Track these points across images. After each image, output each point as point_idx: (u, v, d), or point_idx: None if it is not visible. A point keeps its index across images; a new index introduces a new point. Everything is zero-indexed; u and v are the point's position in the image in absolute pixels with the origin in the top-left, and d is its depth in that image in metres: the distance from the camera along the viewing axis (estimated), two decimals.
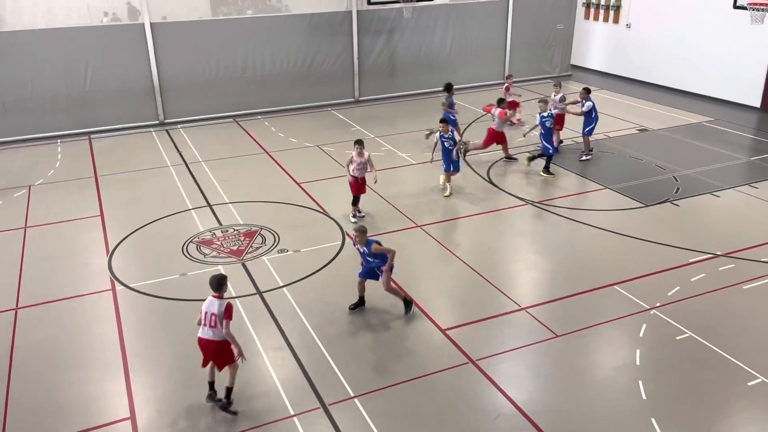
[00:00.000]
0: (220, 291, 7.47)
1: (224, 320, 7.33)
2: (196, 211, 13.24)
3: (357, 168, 12.22)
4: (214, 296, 7.46)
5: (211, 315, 7.37)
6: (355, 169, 12.23)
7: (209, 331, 7.40)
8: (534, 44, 23.61)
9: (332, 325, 9.32)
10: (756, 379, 8.00)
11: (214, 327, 7.37)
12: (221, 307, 7.34)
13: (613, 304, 9.70)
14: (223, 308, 7.34)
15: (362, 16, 20.79)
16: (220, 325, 7.34)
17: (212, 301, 7.42)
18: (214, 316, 7.35)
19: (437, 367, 8.39)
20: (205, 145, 17.30)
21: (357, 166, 12.20)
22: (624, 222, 12.45)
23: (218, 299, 7.42)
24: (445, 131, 13.38)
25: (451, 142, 13.37)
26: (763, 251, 11.08)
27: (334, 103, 21.16)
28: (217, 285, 7.48)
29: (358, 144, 12.20)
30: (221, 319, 7.33)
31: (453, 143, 13.39)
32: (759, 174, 14.60)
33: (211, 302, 7.43)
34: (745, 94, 19.83)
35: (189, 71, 19.25)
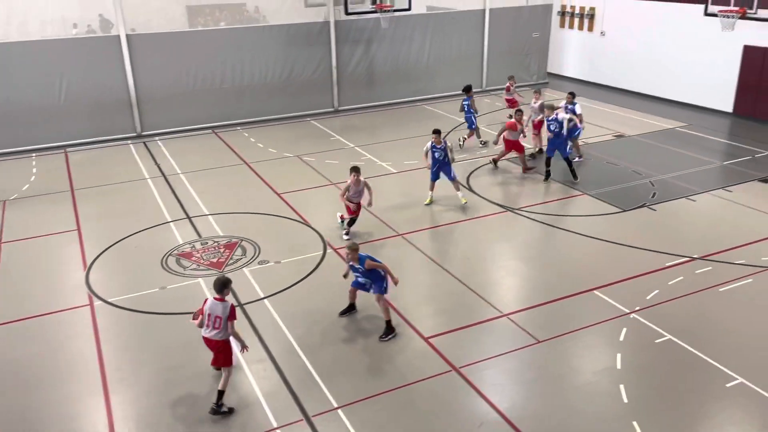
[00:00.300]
0: (222, 293, 7.71)
1: (228, 322, 7.64)
2: (175, 224, 13.12)
3: (354, 195, 12.04)
4: (216, 299, 7.69)
5: (215, 318, 7.66)
6: (352, 196, 12.03)
7: (213, 332, 7.71)
8: (511, 53, 23.85)
9: (314, 336, 9.28)
10: (734, 381, 8.10)
11: (218, 329, 7.67)
12: (225, 310, 7.63)
13: (593, 308, 9.78)
14: (227, 311, 7.63)
15: (340, 27, 20.85)
16: (224, 326, 7.64)
17: (215, 304, 7.66)
18: (219, 318, 7.64)
19: (420, 375, 8.38)
20: (184, 157, 17.18)
21: (353, 194, 12.02)
22: (602, 227, 12.58)
23: (221, 302, 7.67)
24: (437, 142, 13.18)
25: (441, 153, 13.22)
26: (737, 254, 11.26)
27: (313, 113, 21.16)
28: (220, 287, 7.71)
29: (355, 171, 12.00)
30: (225, 321, 7.62)
31: (444, 155, 13.24)
32: (733, 178, 14.87)
33: (213, 305, 7.67)
34: (717, 100, 20.21)
35: (166, 83, 19.14)
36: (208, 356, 8.82)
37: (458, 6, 23.58)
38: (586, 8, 24.19)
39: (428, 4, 24.17)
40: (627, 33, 22.78)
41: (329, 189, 14.81)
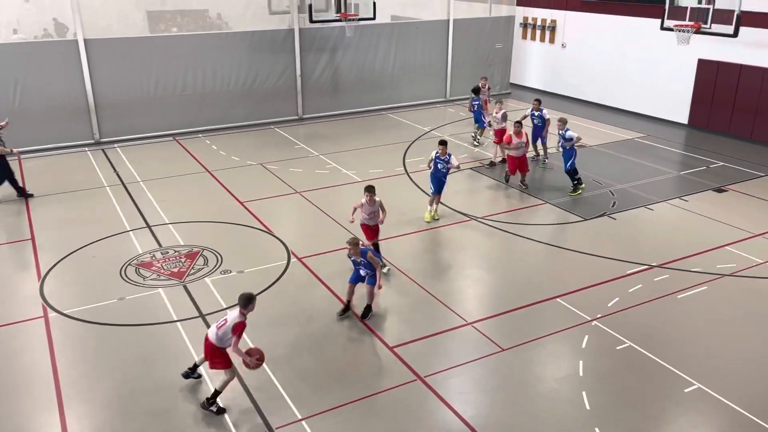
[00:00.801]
0: (245, 308, 7.73)
1: (232, 335, 7.56)
2: (135, 233, 12.82)
3: (368, 216, 11.04)
4: (240, 311, 7.71)
5: (223, 319, 7.79)
6: (365, 218, 11.08)
7: (214, 332, 7.74)
8: (474, 63, 24.13)
9: (278, 347, 9.15)
10: (692, 386, 8.27)
11: (219, 329, 7.71)
12: (235, 320, 7.62)
13: (556, 316, 9.89)
14: (235, 321, 7.59)
15: (304, 34, 20.79)
16: (225, 333, 7.63)
17: (233, 312, 7.78)
18: (226, 322, 7.70)
19: (385, 385, 8.33)
20: (144, 165, 16.83)
21: (368, 215, 11.04)
22: (564, 236, 12.76)
23: (238, 314, 7.70)
24: (442, 153, 12.85)
25: (444, 165, 12.88)
26: (694, 261, 11.55)
27: (277, 121, 21.01)
28: (245, 302, 7.73)
29: (369, 191, 10.93)
30: (229, 330, 7.60)
31: (446, 167, 12.90)
32: (688, 187, 15.27)
33: (232, 312, 7.80)
34: (673, 112, 20.78)
35: (126, 89, 18.76)
36: (167, 368, 8.65)
37: (423, 16, 23.79)
38: (547, 20, 24.65)
39: (393, 13, 24.30)
40: (587, 45, 23.29)
41: (293, 197, 14.69)
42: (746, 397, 8.04)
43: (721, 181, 15.53)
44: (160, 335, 9.45)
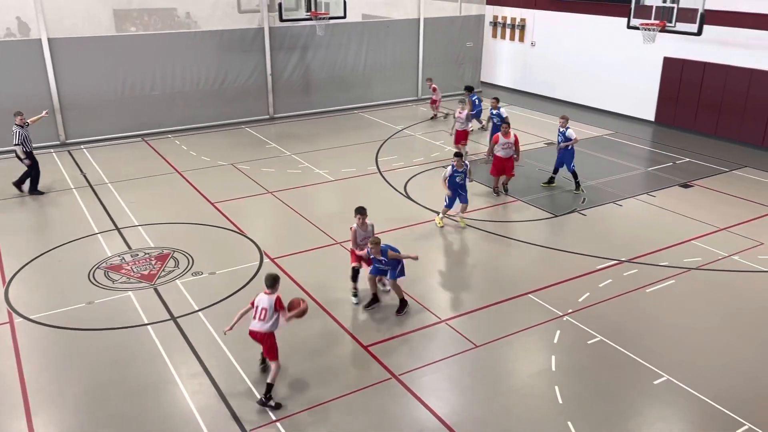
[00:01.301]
0: (273, 288, 8.00)
1: (278, 312, 7.96)
2: (103, 236, 12.60)
3: (363, 241, 10.06)
4: (266, 293, 8.00)
5: (261, 309, 7.96)
6: (361, 243, 10.11)
7: (259, 324, 7.96)
8: (445, 61, 24.25)
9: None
10: (661, 378, 8.44)
11: (263, 320, 7.93)
12: (271, 301, 7.92)
13: (528, 312, 9.99)
14: (273, 301, 7.93)
15: (275, 33, 20.65)
16: (269, 318, 7.90)
17: (263, 297, 8.00)
18: (265, 310, 7.93)
19: (360, 384, 8.32)
20: (112, 166, 16.54)
21: (362, 240, 10.08)
22: (535, 232, 12.90)
23: (269, 295, 7.97)
24: (459, 166, 12.46)
25: (462, 177, 12.59)
26: (661, 256, 11.77)
27: (248, 121, 20.83)
28: (271, 282, 8.01)
29: (360, 213, 10.05)
30: (272, 313, 7.91)
31: (464, 178, 12.61)
32: (656, 183, 15.56)
33: (261, 298, 8.01)
34: (640, 109, 21.14)
35: (92, 89, 18.42)
36: (138, 372, 8.54)
37: (393, 15, 23.81)
38: (516, 19, 24.87)
39: (364, 12, 24.28)
40: (556, 44, 23.56)
41: (265, 197, 14.59)
42: (713, 388, 8.23)
43: (687, 177, 15.86)
44: (130, 339, 9.30)
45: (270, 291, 7.99)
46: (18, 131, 14.30)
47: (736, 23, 17.96)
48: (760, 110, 17.90)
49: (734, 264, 11.47)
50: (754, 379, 8.46)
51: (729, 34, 18.13)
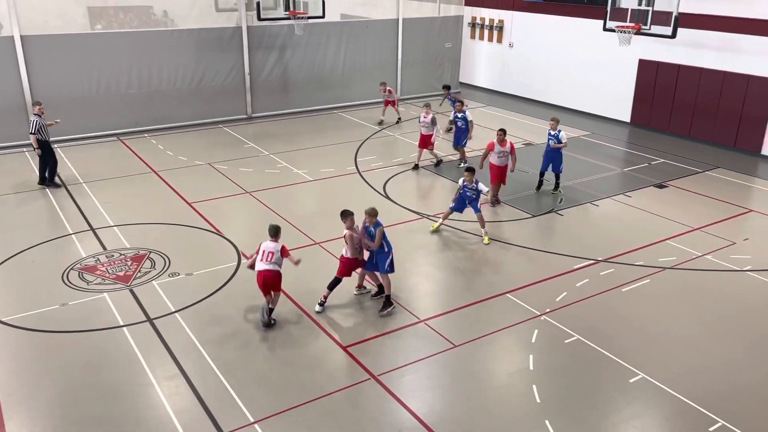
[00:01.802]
0: (276, 237, 9.43)
1: (285, 257, 9.37)
2: (78, 236, 12.40)
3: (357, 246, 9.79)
4: (271, 240, 9.38)
5: (269, 253, 9.33)
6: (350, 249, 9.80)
7: (266, 265, 9.30)
8: (424, 62, 24.31)
9: (229, 350, 9.00)
10: (636, 376, 8.54)
11: (271, 260, 9.31)
12: (277, 247, 9.35)
13: (506, 311, 10.05)
14: (280, 249, 9.36)
15: (253, 32, 20.51)
16: (277, 259, 9.31)
17: (269, 244, 9.38)
18: (272, 253, 9.32)
19: (339, 385, 8.30)
20: (86, 165, 16.29)
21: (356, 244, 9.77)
22: (513, 232, 12.98)
23: (274, 242, 9.39)
24: (469, 181, 12.03)
25: (474, 193, 12.17)
26: (637, 255, 11.92)
27: (225, 120, 20.67)
28: (274, 232, 9.43)
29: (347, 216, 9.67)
30: (278, 256, 9.32)
31: (477, 194, 12.19)
32: (631, 184, 15.76)
33: (267, 244, 9.38)
34: (616, 110, 21.41)
35: (66, 87, 18.13)
36: (113, 375, 8.42)
37: (372, 15, 23.80)
38: (495, 20, 25.02)
39: (342, 12, 24.23)
40: (533, 45, 23.75)
41: (243, 197, 14.48)
42: (687, 386, 8.35)
43: (662, 178, 16.09)
44: (105, 341, 9.16)
45: (274, 239, 9.37)
46: (35, 120, 14.42)
47: (709, 26, 18.28)
48: (732, 112, 18.24)
49: (708, 263, 11.67)
50: (728, 377, 8.60)
51: (702, 37, 18.45)
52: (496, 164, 13.92)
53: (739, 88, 17.93)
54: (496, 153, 13.84)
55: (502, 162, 13.91)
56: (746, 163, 17.28)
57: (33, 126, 14.39)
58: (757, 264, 11.61)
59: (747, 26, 17.49)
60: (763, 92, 17.41)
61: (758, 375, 8.64)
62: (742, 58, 17.79)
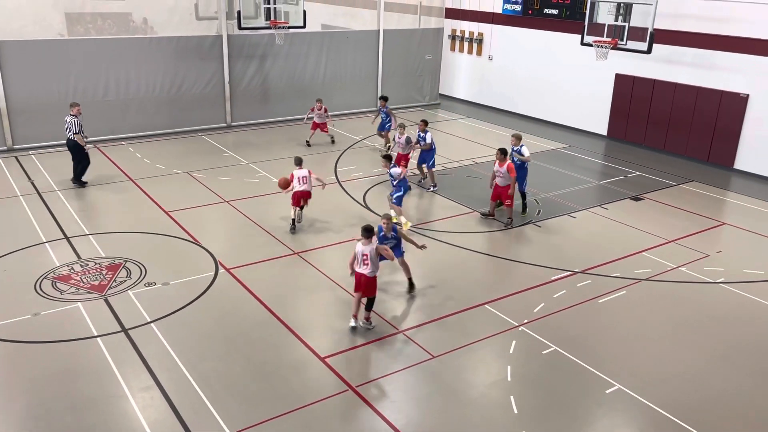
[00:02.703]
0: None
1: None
2: (51, 245, 12.20)
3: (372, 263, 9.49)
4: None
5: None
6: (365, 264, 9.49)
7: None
8: (404, 74, 24.45)
9: (205, 361, 8.89)
10: (613, 387, 8.61)
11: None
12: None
13: (484, 322, 10.08)
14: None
15: (233, 41, 20.46)
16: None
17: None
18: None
19: (317, 396, 8.24)
20: (62, 173, 16.05)
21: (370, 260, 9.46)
22: (492, 243, 13.06)
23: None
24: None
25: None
26: (613, 267, 12.05)
27: (204, 128, 20.54)
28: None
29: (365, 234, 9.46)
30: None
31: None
32: (608, 196, 15.96)
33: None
34: (594, 123, 21.70)
35: (42, 93, 17.89)
36: (86, 386, 8.28)
37: (353, 26, 23.91)
38: (474, 33, 25.27)
39: (323, 22, 24.31)
40: (512, 58, 24.01)
41: (221, 206, 14.38)
42: (662, 396, 8.44)
43: (638, 190, 16.32)
44: (78, 352, 9.00)
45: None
46: (75, 121, 14.85)
47: (684, 43, 18.65)
48: (706, 127, 18.60)
49: (682, 275, 11.84)
50: (701, 387, 8.72)
51: (677, 53, 18.82)
52: (499, 184, 13.68)
53: (713, 103, 18.31)
54: (496, 172, 13.64)
55: (503, 182, 13.61)
56: (719, 177, 17.62)
57: (75, 126, 14.85)
58: (730, 276, 11.81)
59: (720, 43, 17.90)
60: (735, 108, 17.79)
61: (730, 386, 8.77)
62: (716, 74, 18.18)
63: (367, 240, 9.40)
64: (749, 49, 17.33)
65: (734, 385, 8.78)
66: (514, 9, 23.43)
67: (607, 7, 17.13)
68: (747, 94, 17.58)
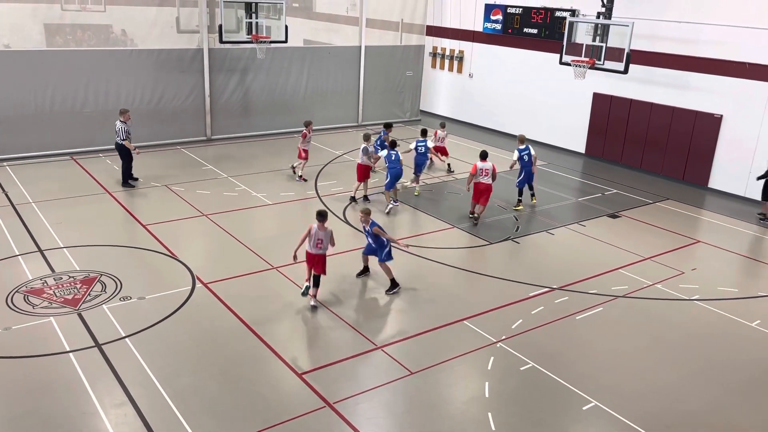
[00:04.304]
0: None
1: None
2: (24, 258, 11.98)
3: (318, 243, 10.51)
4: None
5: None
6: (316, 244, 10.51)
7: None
8: (386, 90, 24.58)
9: (181, 377, 8.76)
10: (590, 404, 8.65)
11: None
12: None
13: (463, 338, 10.08)
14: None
15: (214, 55, 20.43)
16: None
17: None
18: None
19: (293, 413, 8.15)
20: (37, 185, 15.82)
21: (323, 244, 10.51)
22: (471, 259, 13.10)
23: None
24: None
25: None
26: (590, 284, 12.15)
27: (184, 141, 20.41)
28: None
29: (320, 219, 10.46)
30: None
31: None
32: (586, 213, 16.13)
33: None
34: (571, 141, 21.97)
35: (18, 104, 17.67)
36: (58, 402, 8.12)
37: (335, 41, 24.02)
38: (455, 51, 25.52)
39: (305, 37, 24.38)
40: (492, 76, 24.28)
41: (200, 220, 14.26)
42: (638, 412, 8.49)
43: (615, 208, 16.52)
44: (50, 367, 8.82)
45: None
46: (122, 127, 15.75)
47: (659, 64, 19.02)
48: (681, 146, 18.92)
49: (658, 292, 11.97)
50: (676, 403, 8.79)
51: (653, 74, 19.18)
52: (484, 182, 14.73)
53: (687, 123, 18.65)
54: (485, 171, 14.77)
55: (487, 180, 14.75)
56: (694, 196, 17.91)
57: (122, 133, 15.77)
58: (704, 293, 11.97)
59: (695, 65, 18.28)
60: (709, 128, 18.14)
61: (704, 402, 8.86)
62: (690, 94, 18.54)
63: (321, 224, 10.46)
64: (723, 71, 17.72)
65: (709, 401, 8.87)
66: (495, 28, 23.73)
67: (585, 27, 17.42)
68: (721, 115, 17.95)
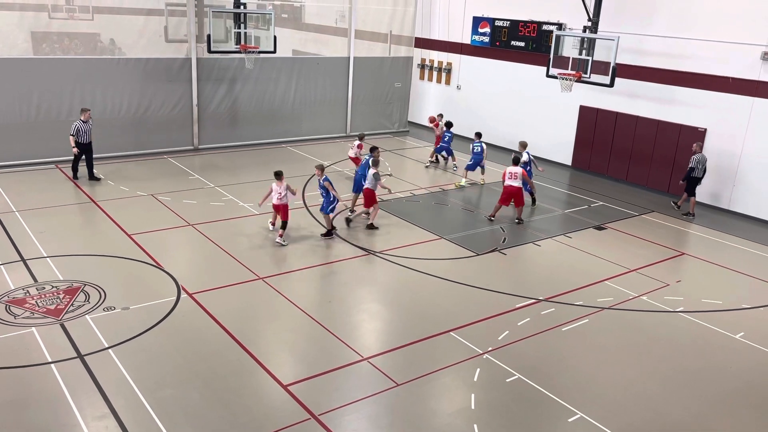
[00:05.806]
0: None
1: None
2: (6, 267, 11.84)
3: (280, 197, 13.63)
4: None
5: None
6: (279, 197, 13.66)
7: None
8: (374, 101, 24.66)
9: (164, 388, 8.67)
10: (575, 415, 8.65)
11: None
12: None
13: (449, 350, 10.06)
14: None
15: (202, 64, 20.41)
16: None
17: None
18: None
19: (278, 425, 8.08)
20: (21, 193, 15.67)
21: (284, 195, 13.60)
22: (458, 270, 13.11)
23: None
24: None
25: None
26: (577, 295, 12.20)
27: (171, 151, 20.32)
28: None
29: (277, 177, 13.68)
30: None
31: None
32: (572, 225, 16.22)
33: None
34: (558, 153, 22.12)
35: (3, 112, 17.52)
36: (39, 415, 8.02)
37: (324, 52, 24.08)
38: (443, 63, 25.67)
39: (294, 47, 24.44)
40: (480, 88, 24.43)
41: (186, 230, 14.18)
42: (622, 423, 8.51)
43: (601, 220, 16.63)
44: (30, 378, 8.69)
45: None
46: (74, 124, 16.67)
47: (645, 78, 19.25)
48: (665, 159, 19.11)
49: (643, 304, 12.04)
50: (661, 414, 8.81)
51: (638, 87, 19.39)
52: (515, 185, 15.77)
53: (672, 136, 18.85)
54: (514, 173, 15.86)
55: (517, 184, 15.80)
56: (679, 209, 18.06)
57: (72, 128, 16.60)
58: (689, 305, 12.05)
59: (680, 79, 18.51)
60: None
61: (688, 413, 8.89)
62: (675, 108, 18.75)
63: (279, 182, 13.38)
64: (707, 85, 17.96)
65: (694, 413, 8.90)
66: (483, 40, 23.92)
67: (572, 41, 17.61)
68: (705, 128, 18.16)
